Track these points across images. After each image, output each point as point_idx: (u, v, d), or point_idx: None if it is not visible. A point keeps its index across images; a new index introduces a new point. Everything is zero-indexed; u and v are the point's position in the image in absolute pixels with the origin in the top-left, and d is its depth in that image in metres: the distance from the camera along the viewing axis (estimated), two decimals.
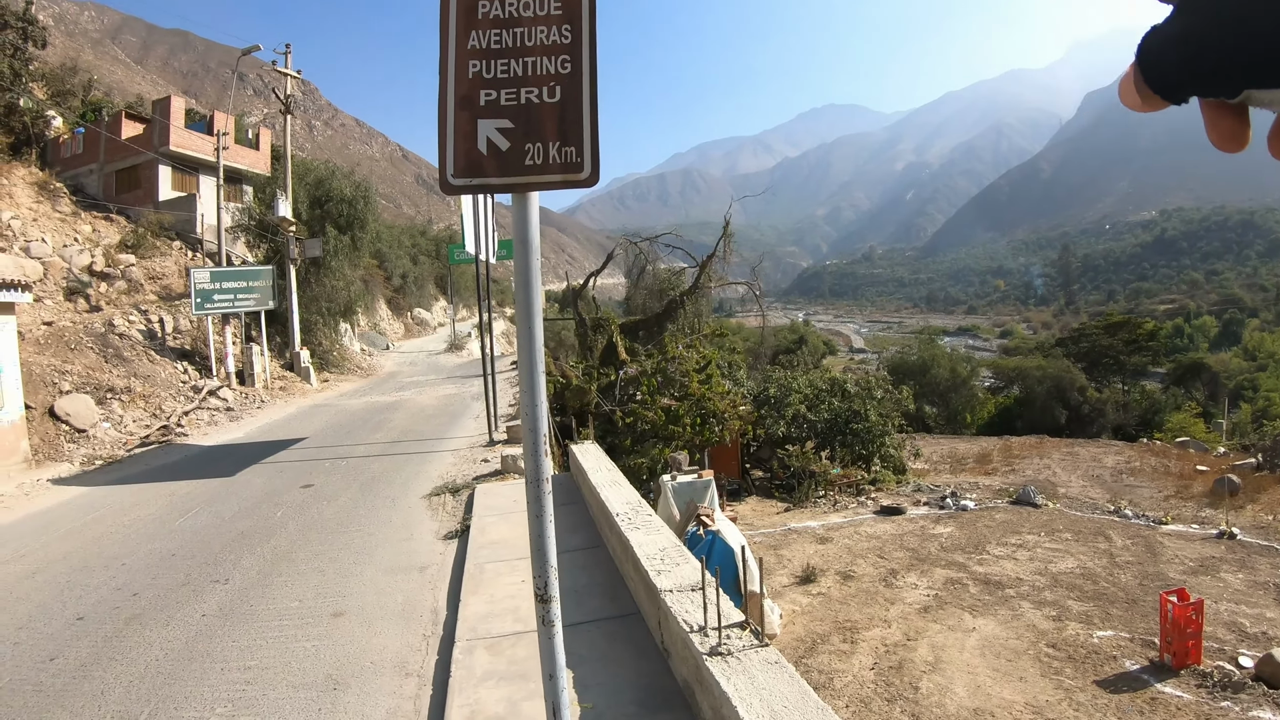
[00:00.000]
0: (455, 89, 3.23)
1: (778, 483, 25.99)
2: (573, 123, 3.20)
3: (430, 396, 24.65)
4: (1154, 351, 64.66)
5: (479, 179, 3.20)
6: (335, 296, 31.45)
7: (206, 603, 7.72)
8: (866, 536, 19.15)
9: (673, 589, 5.37)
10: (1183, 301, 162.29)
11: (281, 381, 26.44)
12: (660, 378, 20.35)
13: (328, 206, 31.42)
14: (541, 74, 3.21)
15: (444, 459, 14.79)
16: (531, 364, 3.23)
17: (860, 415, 27.93)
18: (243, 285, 25.13)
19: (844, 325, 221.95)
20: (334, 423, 20.15)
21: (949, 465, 32.55)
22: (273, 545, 9.62)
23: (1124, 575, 16.00)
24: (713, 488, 13.90)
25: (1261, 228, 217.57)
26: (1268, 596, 14.71)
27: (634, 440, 19.07)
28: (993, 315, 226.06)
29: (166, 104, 33.09)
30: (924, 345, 64.96)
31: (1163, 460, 30.04)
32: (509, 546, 8.76)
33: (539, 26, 3.24)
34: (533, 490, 3.32)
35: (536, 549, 3.35)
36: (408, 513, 11.11)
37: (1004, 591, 14.89)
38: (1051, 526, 20.13)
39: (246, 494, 12.43)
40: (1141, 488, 26.24)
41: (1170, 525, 20.53)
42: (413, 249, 60.60)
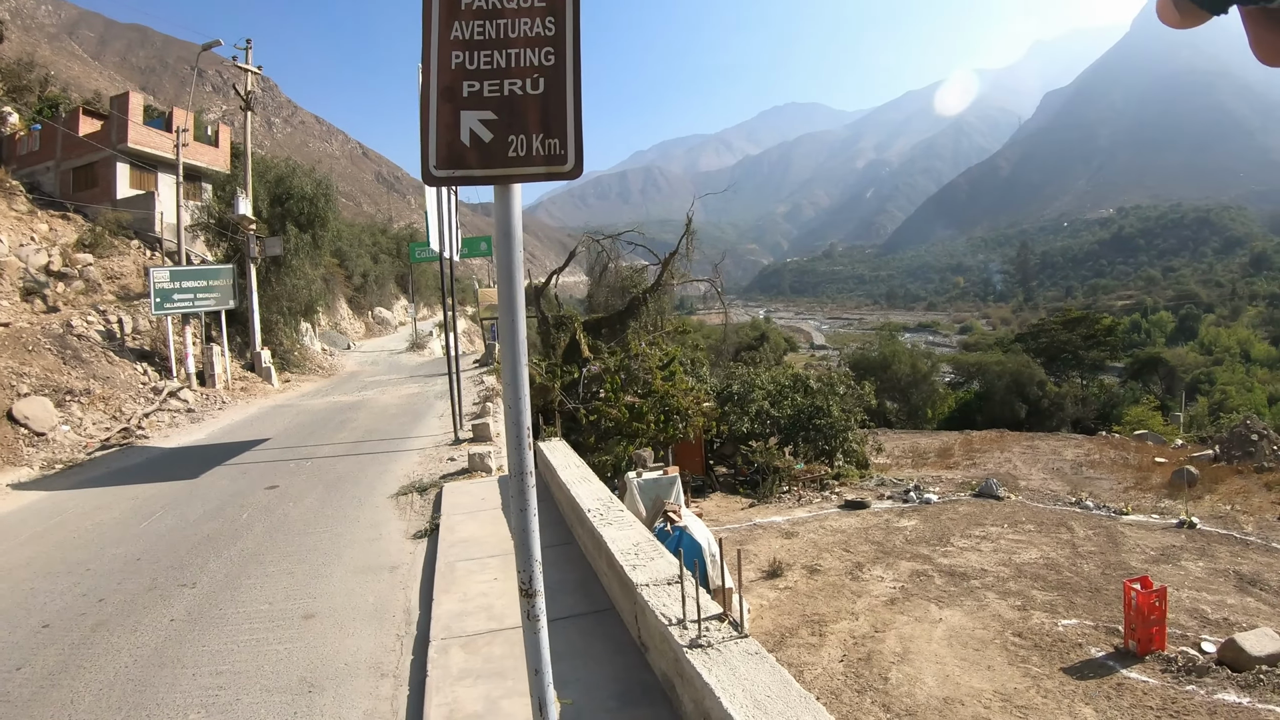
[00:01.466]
0: (438, 80, 3.21)
1: (742, 479, 26.04)
2: (556, 115, 3.20)
3: (393, 396, 24.49)
4: (1111, 346, 65.73)
5: (461, 170, 3.18)
6: (296, 295, 31.08)
7: (174, 607, 7.62)
8: (831, 530, 19.25)
9: (649, 583, 5.38)
10: (1140, 297, 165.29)
11: (242, 382, 26.11)
12: (624, 375, 20.34)
13: (288, 204, 31.01)
14: (525, 66, 3.20)
15: (410, 458, 14.71)
16: (514, 356, 3.22)
17: (823, 411, 28.06)
18: (203, 285, 24.81)
19: (805, 322, 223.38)
20: (297, 423, 19.95)
21: (911, 460, 32.80)
22: (240, 548, 9.51)
23: (1087, 565, 16.22)
24: (678, 483, 13.93)
25: (1217, 225, 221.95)
26: (1228, 583, 14.99)
27: (598, 437, 19.05)
28: (952, 312, 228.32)
29: (125, 100, 32.58)
30: (885, 341, 65.41)
31: (1122, 453, 30.46)
32: (479, 544, 8.73)
33: (522, 18, 3.22)
34: (516, 484, 3.31)
35: (520, 543, 3.35)
36: (375, 512, 11.04)
37: (969, 583, 15.04)
38: (1014, 518, 20.37)
39: (211, 496, 12.27)
40: (1101, 480, 26.59)
41: (1131, 516, 20.84)
42: (373, 247, 60.18)
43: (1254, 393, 68.45)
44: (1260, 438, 25.91)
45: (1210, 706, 9.86)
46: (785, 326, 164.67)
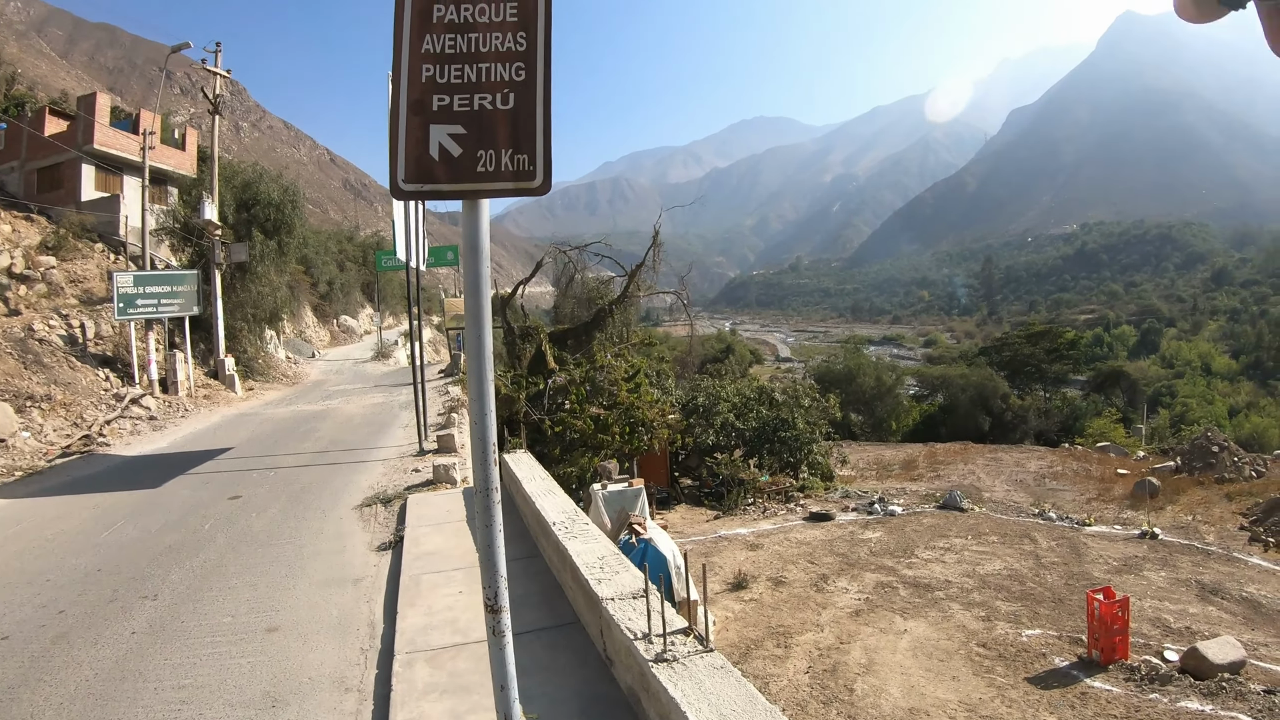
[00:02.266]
0: (408, 93, 3.20)
1: (707, 491, 26.11)
2: (525, 130, 3.20)
3: (358, 405, 24.28)
4: (1074, 360, 66.64)
5: (430, 185, 3.17)
6: (261, 303, 30.79)
7: (136, 619, 7.50)
8: (796, 542, 19.33)
9: (614, 597, 5.37)
10: (1102, 312, 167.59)
11: (205, 390, 25.80)
12: (589, 386, 20.36)
13: (254, 210, 30.73)
14: (495, 80, 3.20)
15: (374, 469, 14.58)
16: (481, 372, 3.21)
17: (788, 423, 28.20)
18: (167, 290, 24.51)
19: (770, 334, 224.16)
20: (260, 432, 19.74)
21: (876, 472, 33.00)
22: (202, 559, 9.38)
23: (1050, 575, 16.41)
24: (643, 496, 13.94)
25: (1179, 241, 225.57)
26: (1190, 593, 15.24)
27: (563, 449, 19.04)
28: (917, 325, 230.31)
29: (92, 101, 32.19)
30: (850, 354, 65.86)
31: (1084, 464, 30.83)
32: (444, 557, 8.67)
33: (494, 33, 3.22)
34: (482, 500, 3.31)
35: (486, 559, 3.34)
36: (339, 524, 10.92)
37: (933, 594, 15.15)
38: (978, 530, 20.56)
39: (173, 506, 12.09)
40: (1064, 491, 26.91)
41: (1093, 527, 21.15)
42: (339, 255, 59.71)
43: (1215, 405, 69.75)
44: (1221, 449, 26.37)
45: (1173, 714, 9.99)
46: (751, 339, 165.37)
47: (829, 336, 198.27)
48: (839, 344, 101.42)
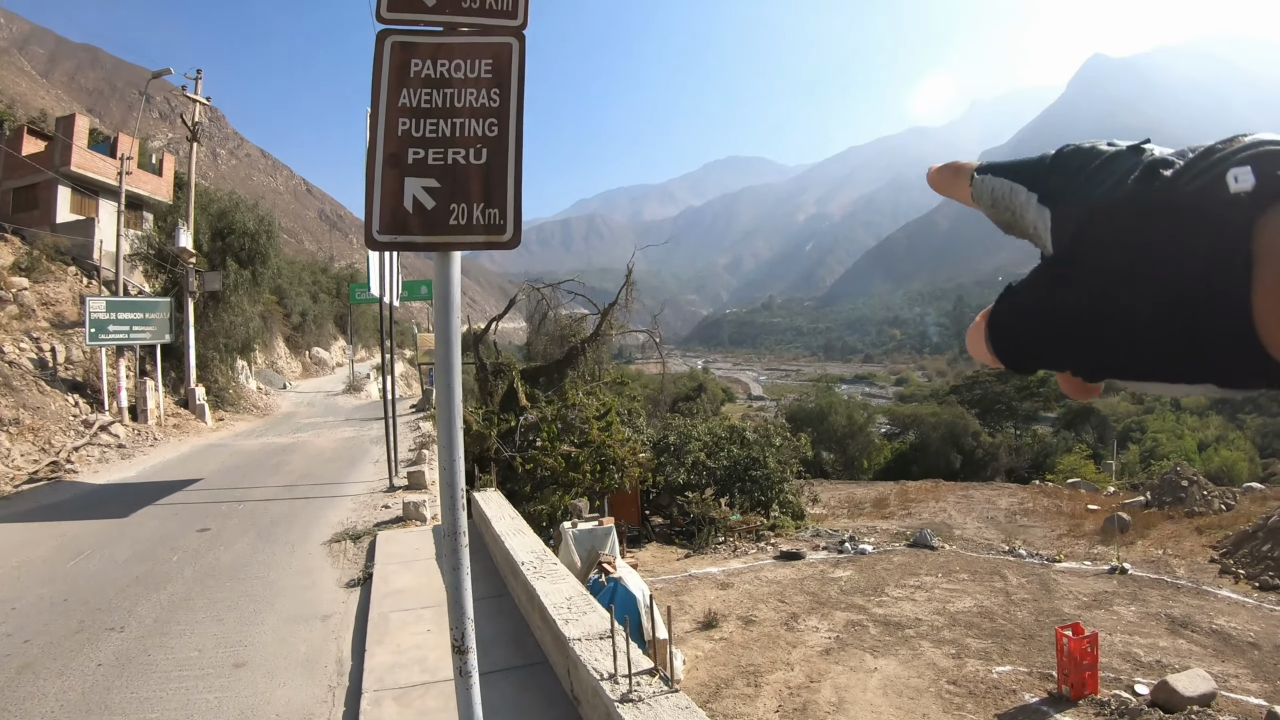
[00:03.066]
0: (384, 146, 3.27)
1: (678, 529, 26.09)
2: (497, 185, 3.26)
3: (329, 439, 24.13)
4: (1044, 397, 66.95)
5: (404, 236, 3.23)
6: (233, 332, 30.62)
7: (102, 651, 7.45)
8: (767, 581, 19.35)
9: (581, 637, 5.40)
10: None
11: (175, 419, 25.57)
12: (560, 424, 20.40)
13: (229, 239, 30.60)
14: (469, 135, 3.27)
15: (344, 504, 14.49)
16: (450, 420, 3.26)
17: (759, 462, 28.33)
18: (139, 317, 24.31)
19: (743, 373, 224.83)
20: (230, 464, 19.58)
21: (847, 510, 33.06)
22: (169, 592, 9.31)
23: (1020, 612, 16.50)
24: (613, 535, 13.94)
25: None
26: (1160, 626, 15.38)
27: (534, 487, 19.04)
28: (889, 364, 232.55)
29: (70, 122, 31.98)
30: (821, 393, 66.21)
31: (1055, 501, 31.01)
32: (413, 595, 8.65)
33: (469, 89, 3.30)
34: (449, 543, 3.34)
35: (454, 601, 3.37)
36: (308, 559, 10.87)
37: (904, 632, 15.21)
38: (948, 567, 20.66)
39: (141, 537, 11.98)
40: (1035, 528, 27.07)
41: (1064, 563, 21.30)
42: (313, 286, 59.30)
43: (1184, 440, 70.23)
44: (1190, 483, 26.67)
45: None
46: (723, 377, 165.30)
47: (801, 375, 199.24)
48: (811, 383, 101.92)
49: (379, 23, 3.39)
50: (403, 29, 3.40)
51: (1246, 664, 13.43)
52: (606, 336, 28.59)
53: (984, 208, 0.69)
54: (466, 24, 3.41)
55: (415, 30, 3.41)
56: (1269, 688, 12.39)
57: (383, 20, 3.38)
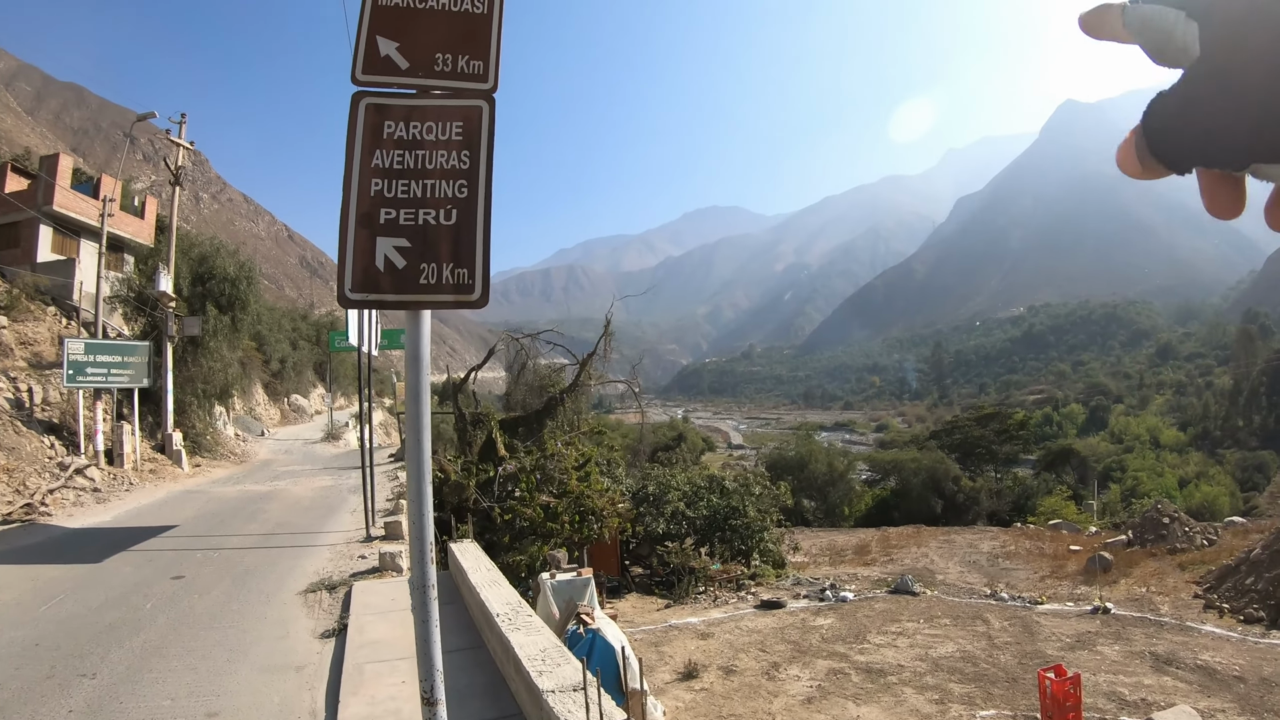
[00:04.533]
0: (357, 206, 3.32)
1: (658, 579, 26.05)
2: (466, 245, 3.32)
3: (306, 487, 23.96)
4: (1024, 440, 67.50)
5: (375, 295, 3.28)
6: (212, 378, 30.51)
7: (73, 698, 7.35)
8: (747, 631, 19.27)
9: (555, 689, 5.38)
10: (1051, 391, 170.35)
11: (152, 464, 25.34)
12: (539, 474, 20.37)
13: (210, 284, 30.63)
14: (440, 197, 3.34)
15: (320, 554, 14.37)
16: (419, 474, 3.29)
17: (739, 511, 28.35)
18: (118, 360, 24.13)
19: (723, 422, 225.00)
20: (206, 511, 19.41)
21: (828, 557, 33.00)
22: (143, 639, 9.19)
23: (1003, 655, 16.48)
24: (591, 586, 13.88)
25: (1124, 320, 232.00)
26: (1144, 665, 15.38)
27: (513, 537, 18.95)
28: (869, 410, 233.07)
29: (54, 161, 31.92)
30: (801, 441, 66.21)
31: (1037, 543, 31.02)
32: (389, 646, 8.59)
33: (440, 150, 3.37)
34: (418, 596, 3.36)
35: (423, 653, 3.38)
36: (283, 609, 10.76)
37: (886, 679, 15.15)
38: (930, 613, 20.62)
39: (114, 583, 11.84)
40: (1017, 570, 27.08)
41: (1046, 605, 21.31)
42: (293, 333, 59.23)
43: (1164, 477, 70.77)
44: (1172, 520, 26.70)
45: None
46: (703, 426, 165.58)
47: (781, 423, 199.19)
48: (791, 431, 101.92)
49: (354, 85, 3.46)
50: (377, 91, 3.47)
51: (1233, 698, 13.45)
52: (585, 386, 28.57)
53: (1134, 35, 0.73)
54: (439, 87, 3.49)
55: (389, 93, 3.48)
56: None
57: (358, 82, 3.46)
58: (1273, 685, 13.96)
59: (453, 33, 3.54)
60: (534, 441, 23.49)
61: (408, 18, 3.53)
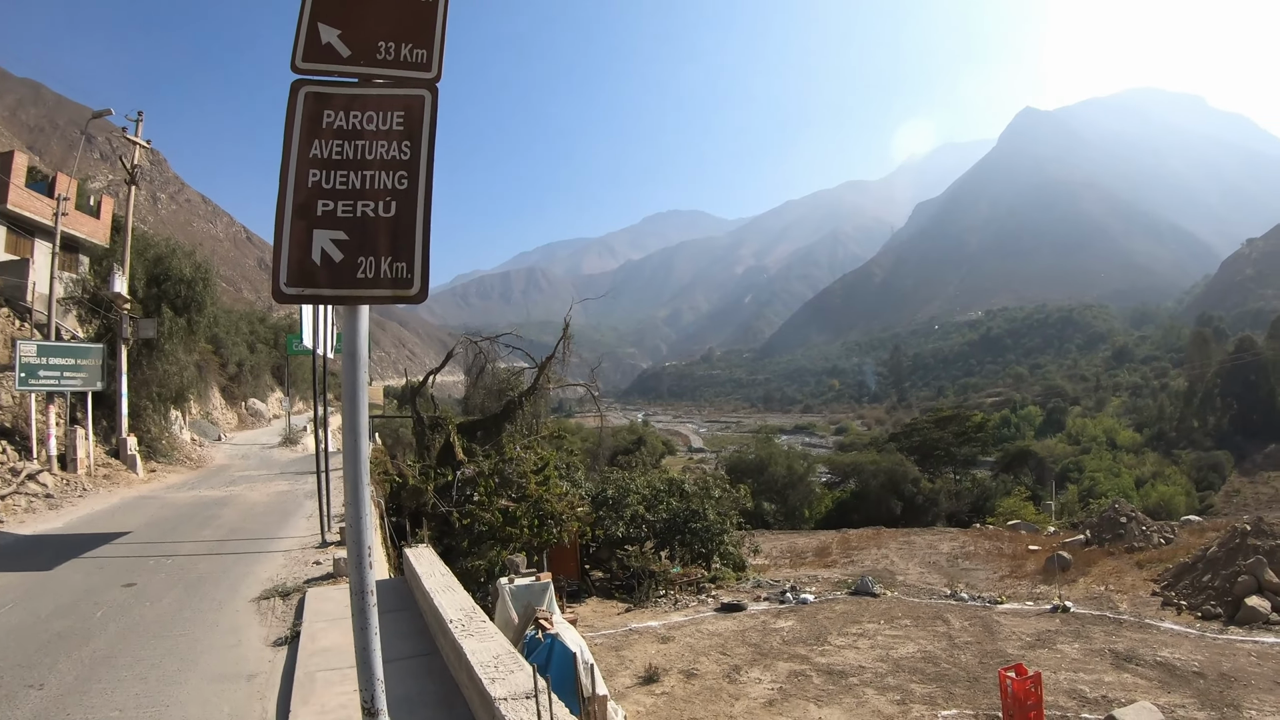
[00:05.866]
0: (294, 196, 3.22)
1: (618, 583, 26.02)
2: (405, 238, 3.23)
3: (262, 493, 23.58)
4: (982, 441, 68.23)
5: (311, 289, 3.18)
6: (167, 381, 29.96)
7: (20, 710, 7.15)
8: (708, 634, 19.25)
9: (507, 697, 5.28)
10: (1008, 394, 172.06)
11: (106, 469, 24.83)
12: (498, 478, 20.27)
13: (165, 286, 30.06)
14: (379, 188, 3.24)
15: (275, 560, 14.13)
16: (356, 476, 3.19)
17: (699, 514, 28.37)
18: (70, 362, 23.54)
19: (683, 425, 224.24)
20: (160, 517, 19.04)
21: (789, 560, 33.11)
22: (91, 648, 8.96)
23: (964, 655, 16.56)
24: (551, 590, 13.76)
25: (1080, 323, 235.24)
26: (1104, 662, 15.53)
27: (471, 542, 18.83)
28: (828, 413, 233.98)
29: (9, 159, 31.05)
30: (761, 444, 66.62)
31: (996, 543, 31.31)
32: (341, 654, 8.42)
33: (380, 141, 3.28)
34: (357, 602, 3.26)
35: (362, 662, 3.29)
36: (235, 617, 10.55)
37: (847, 680, 15.17)
38: (890, 614, 20.71)
39: (64, 591, 11.57)
40: (977, 570, 27.31)
41: (1006, 604, 21.47)
42: (251, 336, 58.33)
43: (1121, 477, 72.00)
44: (1129, 519, 27.06)
45: None
46: (664, 430, 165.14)
47: (741, 426, 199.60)
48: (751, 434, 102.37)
49: (294, 72, 3.35)
50: (317, 79, 3.37)
51: (1193, 694, 13.62)
52: (545, 390, 28.48)
53: None
54: (381, 75, 3.40)
55: (329, 81, 3.38)
56: (1216, 716, 12.59)
57: (297, 70, 3.36)
58: (1231, 680, 14.16)
59: (397, 21, 3.45)
60: (493, 445, 23.37)
61: (351, 4, 3.44)
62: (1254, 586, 19.02)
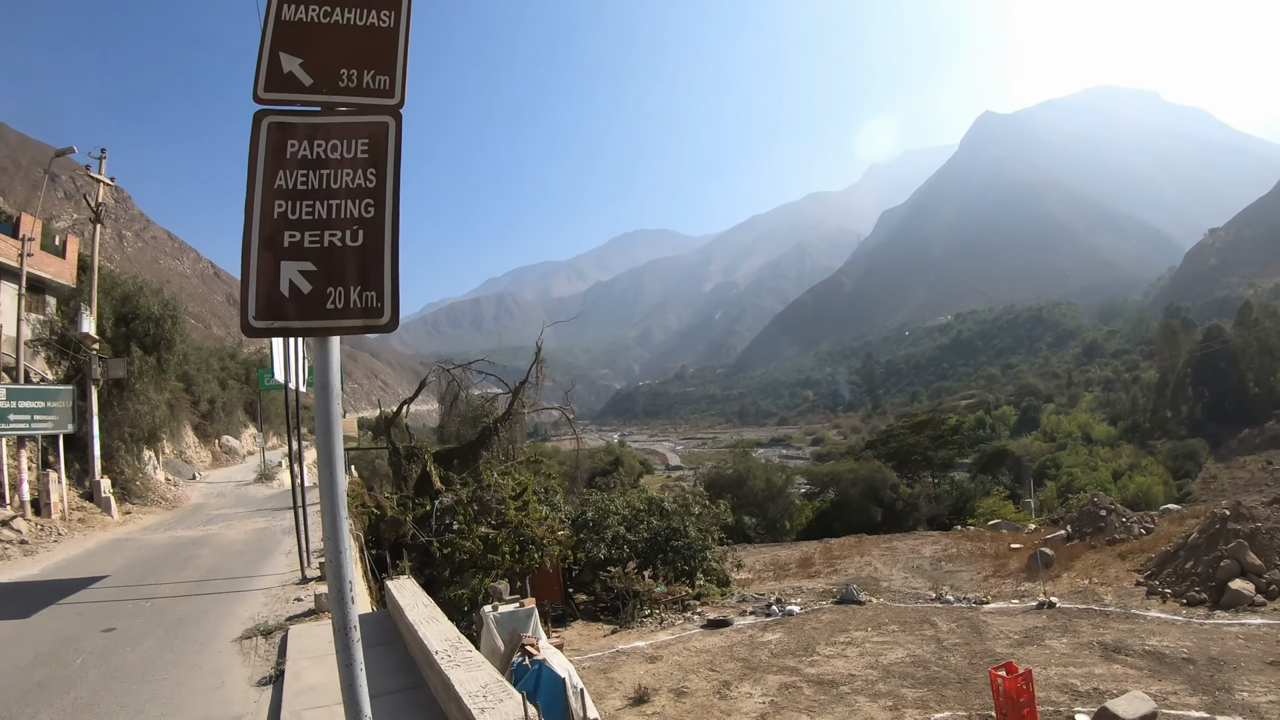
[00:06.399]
0: (260, 228, 3.19)
1: (603, 605, 25.85)
2: (374, 267, 3.20)
3: (239, 531, 23.31)
4: (959, 444, 68.59)
5: (280, 322, 3.14)
6: (139, 421, 29.60)
7: None
8: (696, 651, 19.15)
9: None
10: (982, 395, 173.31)
11: (80, 513, 24.46)
12: (476, 506, 20.20)
13: (134, 324, 29.80)
14: (345, 217, 3.21)
15: (255, 598, 13.96)
16: (334, 510, 3.14)
17: (679, 532, 28.29)
18: (41, 405, 23.19)
19: (660, 444, 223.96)
20: (137, 559, 18.78)
21: (772, 572, 33.08)
22: (73, 697, 8.80)
23: (953, 657, 16.57)
24: (535, 616, 13.69)
25: (1049, 322, 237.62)
26: (1093, 655, 15.59)
27: (453, 571, 18.71)
28: (804, 424, 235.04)
29: None
30: (739, 458, 66.53)
31: (978, 544, 31.40)
32: (326, 691, 8.31)
33: (345, 170, 3.25)
34: (341, 639, 3.21)
35: (349, 699, 3.26)
36: (218, 658, 10.40)
37: (838, 689, 15.12)
38: (877, 621, 20.71)
39: (43, 638, 11.37)
40: (961, 572, 27.39)
41: (992, 604, 21.55)
42: (222, 372, 57.79)
43: (1098, 471, 72.69)
44: (1108, 512, 27.19)
45: None
46: (640, 449, 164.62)
47: (718, 442, 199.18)
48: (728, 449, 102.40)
49: (256, 103, 3.32)
50: (280, 109, 3.34)
51: (1183, 680, 13.69)
52: (519, 415, 28.44)
53: None
54: (344, 103, 3.38)
55: (292, 110, 3.35)
56: (1209, 700, 12.63)
57: (260, 100, 3.33)
58: (1221, 664, 14.26)
59: (358, 48, 3.43)
60: (470, 473, 23.29)
61: (312, 33, 3.41)
62: (1236, 570, 19.21)
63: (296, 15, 3.42)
